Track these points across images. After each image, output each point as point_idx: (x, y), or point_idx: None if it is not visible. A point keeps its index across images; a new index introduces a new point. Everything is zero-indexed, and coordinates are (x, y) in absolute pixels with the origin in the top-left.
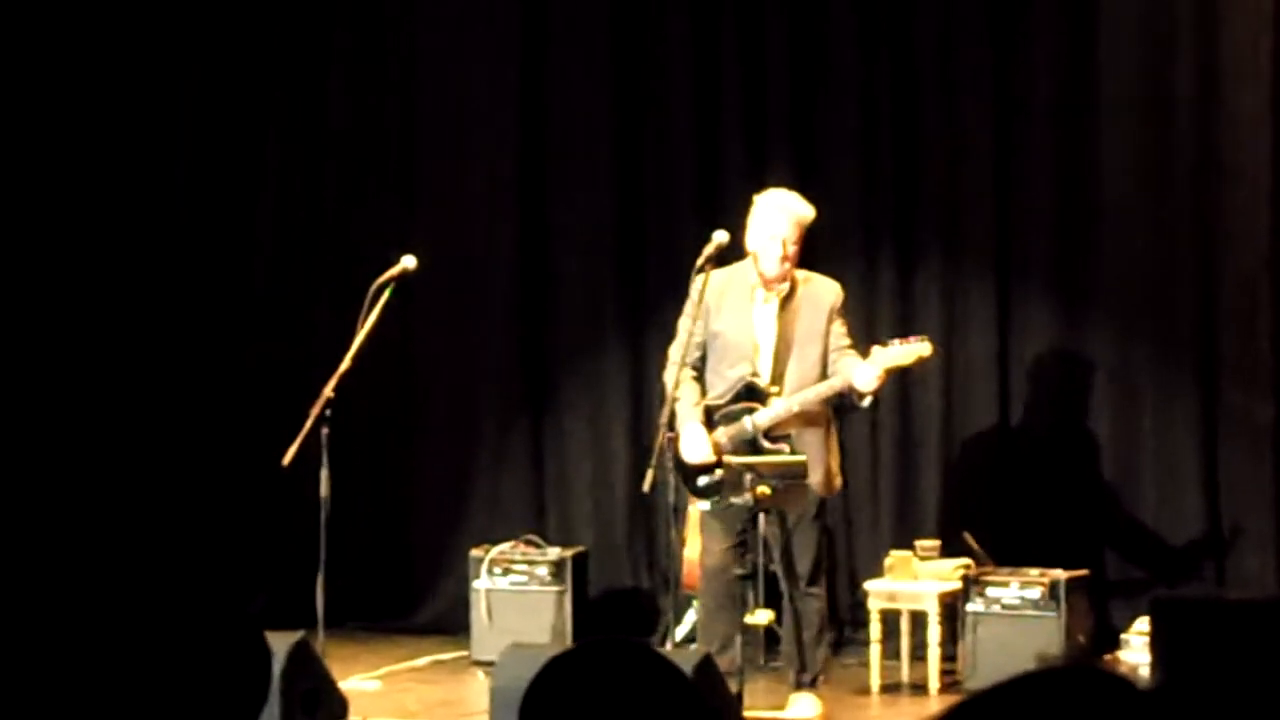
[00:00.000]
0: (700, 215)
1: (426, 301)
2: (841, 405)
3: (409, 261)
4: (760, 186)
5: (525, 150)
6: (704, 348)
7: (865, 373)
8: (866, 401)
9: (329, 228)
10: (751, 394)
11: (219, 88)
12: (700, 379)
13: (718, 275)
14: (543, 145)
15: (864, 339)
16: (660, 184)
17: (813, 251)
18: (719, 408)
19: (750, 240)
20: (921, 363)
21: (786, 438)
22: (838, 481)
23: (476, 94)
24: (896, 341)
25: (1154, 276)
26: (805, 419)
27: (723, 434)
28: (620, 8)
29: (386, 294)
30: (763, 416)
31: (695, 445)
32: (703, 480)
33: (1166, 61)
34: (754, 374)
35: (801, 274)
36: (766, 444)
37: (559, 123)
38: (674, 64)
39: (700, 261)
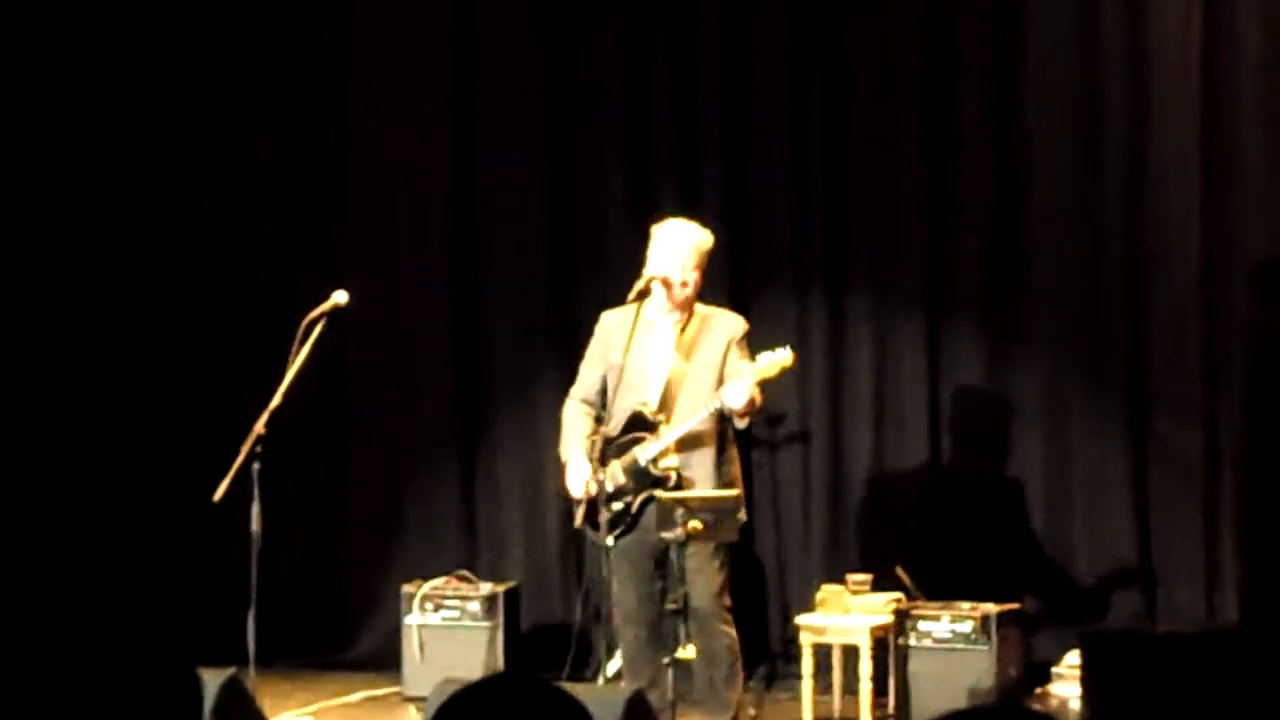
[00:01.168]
0: (632, 247)
1: (359, 337)
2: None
3: (340, 297)
4: (691, 218)
5: (456, 184)
6: (604, 383)
7: (733, 390)
8: (741, 423)
9: (262, 262)
10: (640, 424)
11: (151, 125)
12: (599, 417)
13: (614, 312)
14: (474, 177)
15: (795, 374)
16: (592, 217)
17: (742, 289)
18: (613, 439)
19: (648, 270)
20: (784, 372)
21: (673, 466)
22: (742, 513)
23: (407, 123)
24: (764, 355)
25: (1084, 309)
26: (690, 445)
27: (616, 465)
28: (551, 36)
29: (318, 329)
30: (651, 447)
31: (575, 478)
32: (614, 506)
33: (1095, 94)
34: (643, 403)
35: (704, 309)
36: (654, 472)
37: (490, 156)
38: (606, 95)
39: (631, 296)
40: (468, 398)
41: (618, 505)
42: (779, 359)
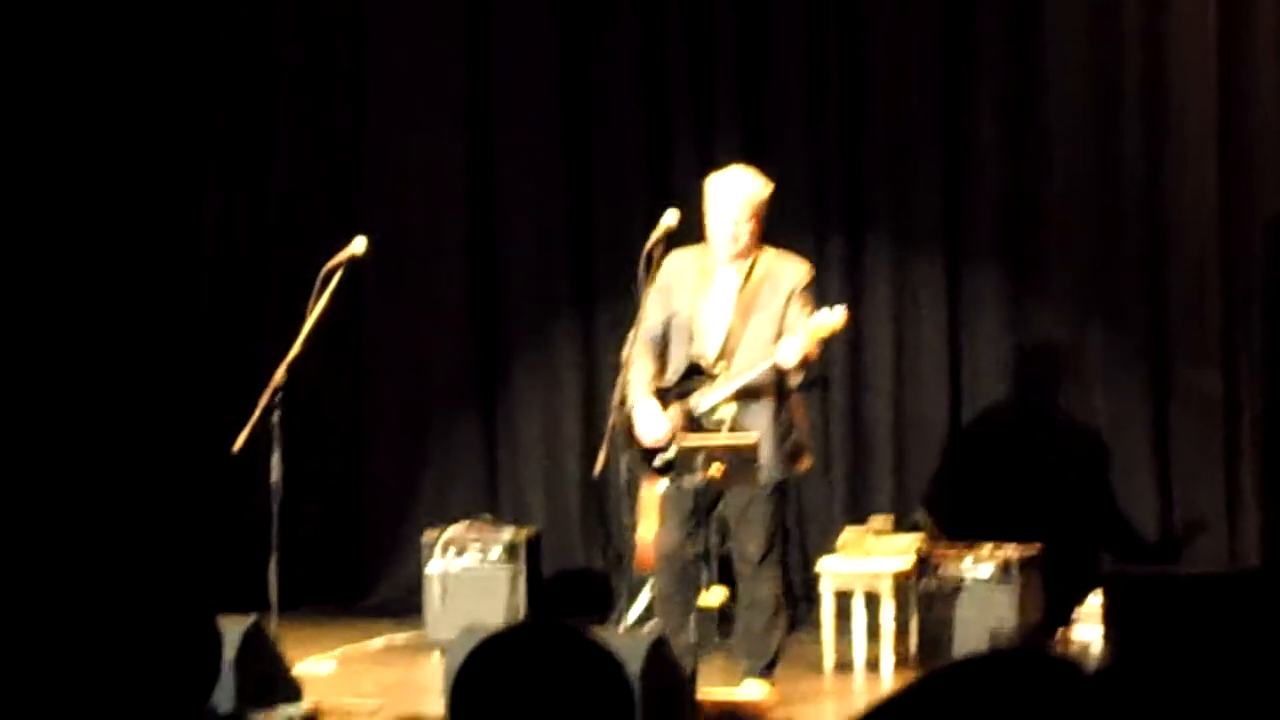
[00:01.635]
0: (650, 197)
1: (377, 285)
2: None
3: (359, 245)
4: (708, 168)
5: (473, 135)
6: (666, 327)
7: (787, 346)
8: (795, 380)
9: (279, 213)
10: (698, 373)
11: (166, 79)
12: (662, 358)
13: (679, 255)
14: (490, 130)
15: None
16: (609, 166)
17: (763, 235)
18: (670, 387)
19: (707, 220)
20: (835, 333)
21: (728, 417)
22: (802, 463)
23: (424, 80)
24: (820, 313)
25: (1104, 255)
26: (749, 396)
27: (673, 413)
28: None
29: (336, 278)
30: (706, 397)
31: (648, 423)
32: (658, 460)
33: (1115, 44)
34: (701, 354)
35: (771, 252)
36: (707, 423)
37: (507, 106)
38: (621, 47)
39: (650, 244)
40: (486, 345)
41: (669, 453)
42: (832, 320)
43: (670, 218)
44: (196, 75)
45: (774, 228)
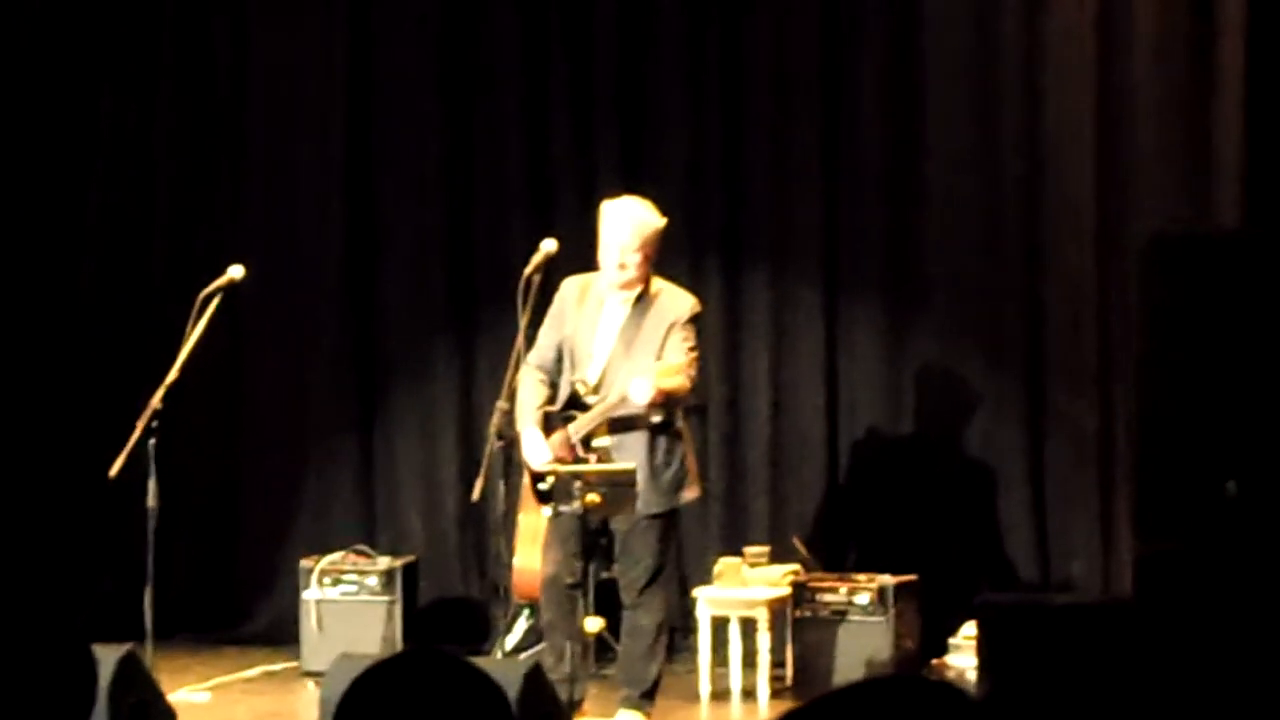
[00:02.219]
0: (529, 224)
1: (255, 312)
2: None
3: (236, 271)
4: (589, 195)
5: (352, 161)
6: (559, 353)
7: (637, 385)
8: (655, 417)
9: (158, 236)
10: (575, 403)
11: (43, 93)
12: (556, 385)
13: (572, 282)
14: (370, 157)
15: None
16: (489, 191)
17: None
18: (556, 414)
19: (599, 246)
20: (688, 371)
21: (605, 446)
22: (686, 493)
23: (302, 105)
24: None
25: (981, 281)
26: (624, 427)
27: (556, 440)
28: (450, 10)
29: (214, 304)
30: (577, 426)
31: (531, 450)
32: (541, 486)
33: (992, 77)
34: (582, 381)
35: (660, 284)
36: (581, 453)
37: (387, 135)
38: (503, 71)
39: (528, 270)
40: (365, 373)
41: (548, 481)
42: (674, 363)
43: (549, 245)
44: (80, 92)
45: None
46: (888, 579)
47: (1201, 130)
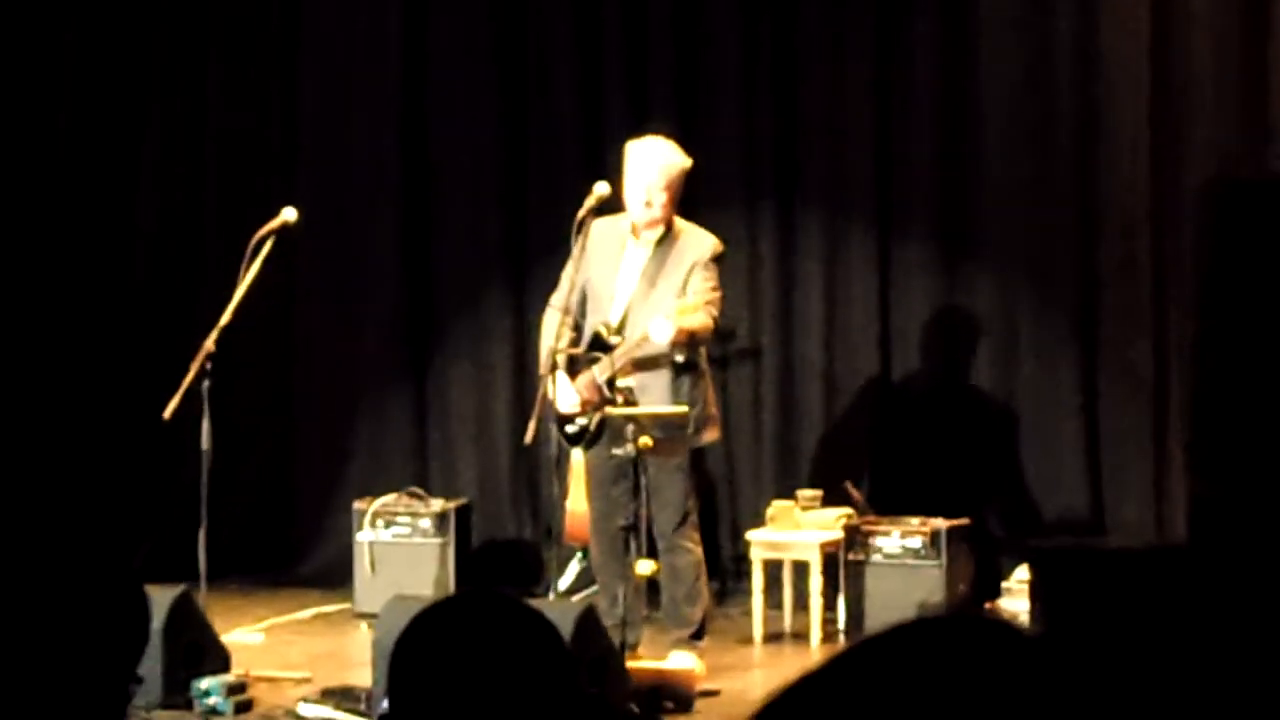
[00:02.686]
0: (583, 166)
1: (308, 254)
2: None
3: (289, 214)
4: (643, 136)
5: (408, 105)
6: (582, 294)
7: (657, 325)
8: (680, 356)
9: (212, 180)
10: (598, 344)
11: (101, 31)
12: (579, 326)
13: (599, 224)
14: (425, 98)
15: (746, 291)
16: (543, 136)
17: (693, 203)
18: (579, 356)
19: (624, 186)
20: (709, 310)
21: (628, 387)
22: (707, 435)
23: (358, 48)
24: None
25: (1035, 226)
26: (646, 368)
27: (583, 382)
28: None
29: (267, 247)
30: (602, 368)
31: (560, 393)
32: (569, 428)
33: (1047, 11)
34: (604, 323)
35: (681, 225)
36: (607, 394)
37: (441, 74)
38: (556, 15)
39: (581, 214)
40: (418, 314)
41: (580, 423)
42: (695, 300)
43: (602, 188)
44: (133, 44)
45: (706, 197)
46: (940, 523)
47: (1258, 71)
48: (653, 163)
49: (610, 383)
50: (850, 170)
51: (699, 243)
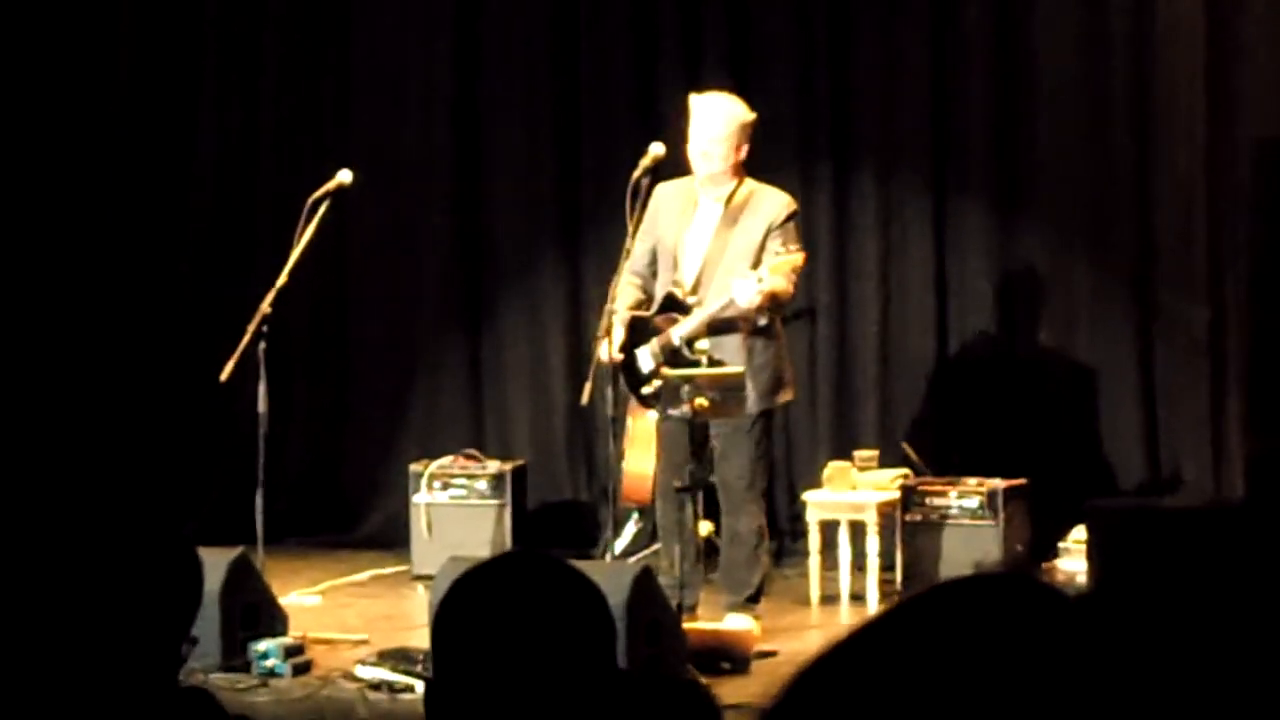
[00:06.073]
0: (636, 129)
1: (363, 217)
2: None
3: (345, 176)
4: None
5: (460, 65)
6: (653, 257)
7: (741, 287)
8: (762, 319)
9: (266, 143)
10: (673, 305)
11: (151, 10)
12: (648, 290)
13: (666, 186)
14: (479, 60)
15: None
16: (596, 96)
17: (750, 166)
18: (651, 318)
19: (688, 141)
20: (796, 271)
21: (705, 349)
22: (782, 395)
23: (412, 9)
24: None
25: (1091, 187)
26: (723, 329)
27: (654, 345)
28: None
29: (323, 209)
30: (681, 328)
31: (639, 355)
32: (645, 390)
33: None
34: (678, 284)
35: (752, 184)
36: (687, 354)
37: (495, 38)
38: None
39: (637, 175)
40: (472, 277)
41: (657, 384)
42: (790, 260)
43: (656, 149)
44: (190, 6)
45: (761, 158)
46: (997, 482)
47: None
48: (715, 113)
49: (690, 343)
50: (906, 132)
51: (773, 203)
